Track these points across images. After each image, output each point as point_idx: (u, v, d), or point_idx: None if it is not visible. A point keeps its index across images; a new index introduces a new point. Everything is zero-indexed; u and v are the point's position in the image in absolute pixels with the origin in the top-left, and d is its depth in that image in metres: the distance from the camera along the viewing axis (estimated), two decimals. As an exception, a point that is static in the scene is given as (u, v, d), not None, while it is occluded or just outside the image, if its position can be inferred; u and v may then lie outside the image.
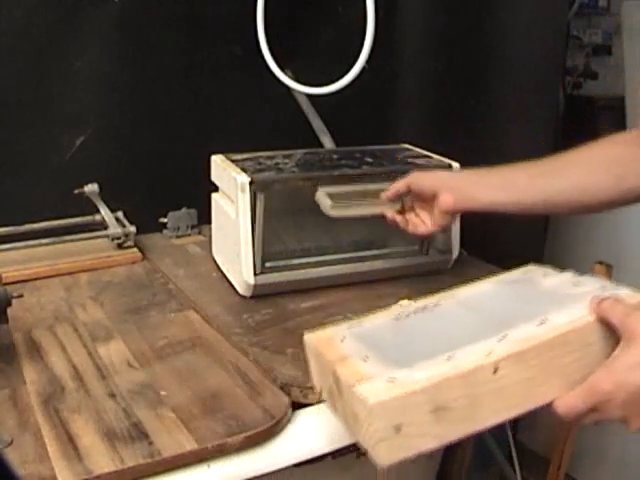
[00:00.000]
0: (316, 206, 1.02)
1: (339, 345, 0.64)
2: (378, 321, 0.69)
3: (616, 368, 0.60)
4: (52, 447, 0.71)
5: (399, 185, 0.99)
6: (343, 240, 1.11)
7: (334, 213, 0.99)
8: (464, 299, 0.72)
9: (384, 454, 0.58)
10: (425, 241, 1.14)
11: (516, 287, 0.74)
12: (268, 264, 1.04)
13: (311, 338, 0.67)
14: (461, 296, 0.72)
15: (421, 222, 0.97)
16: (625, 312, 0.62)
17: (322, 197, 1.00)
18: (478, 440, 1.46)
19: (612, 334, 0.63)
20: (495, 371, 0.59)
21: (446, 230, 1.08)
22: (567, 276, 0.73)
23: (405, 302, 0.80)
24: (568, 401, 0.62)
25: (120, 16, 1.25)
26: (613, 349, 0.62)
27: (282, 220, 1.07)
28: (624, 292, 0.67)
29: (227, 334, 0.95)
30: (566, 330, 0.62)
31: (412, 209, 1.00)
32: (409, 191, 0.98)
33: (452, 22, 1.39)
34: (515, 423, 1.93)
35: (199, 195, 1.21)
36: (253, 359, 0.89)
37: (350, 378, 0.59)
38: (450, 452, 1.35)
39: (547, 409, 0.63)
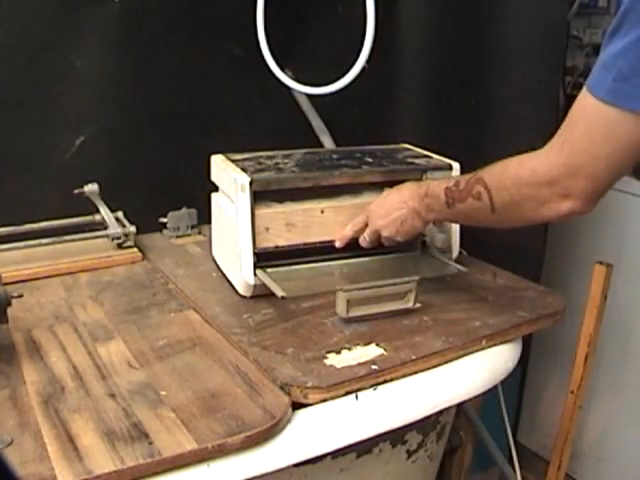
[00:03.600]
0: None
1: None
2: None
3: (378, 199, 1.05)
4: (52, 447, 0.71)
5: None
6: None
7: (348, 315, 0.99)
8: None
9: (259, 242, 1.02)
10: (425, 241, 1.14)
11: None
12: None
13: None
14: None
15: None
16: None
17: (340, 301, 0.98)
18: (478, 440, 1.46)
19: None
20: (322, 212, 1.07)
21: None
22: None
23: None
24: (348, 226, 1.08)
25: (120, 16, 1.25)
26: None
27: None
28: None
29: (227, 334, 0.95)
30: (365, 202, 1.08)
31: None
32: None
33: (452, 22, 1.39)
34: (515, 423, 1.93)
35: (199, 195, 1.22)
36: (253, 359, 0.89)
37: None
38: (450, 452, 1.35)
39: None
